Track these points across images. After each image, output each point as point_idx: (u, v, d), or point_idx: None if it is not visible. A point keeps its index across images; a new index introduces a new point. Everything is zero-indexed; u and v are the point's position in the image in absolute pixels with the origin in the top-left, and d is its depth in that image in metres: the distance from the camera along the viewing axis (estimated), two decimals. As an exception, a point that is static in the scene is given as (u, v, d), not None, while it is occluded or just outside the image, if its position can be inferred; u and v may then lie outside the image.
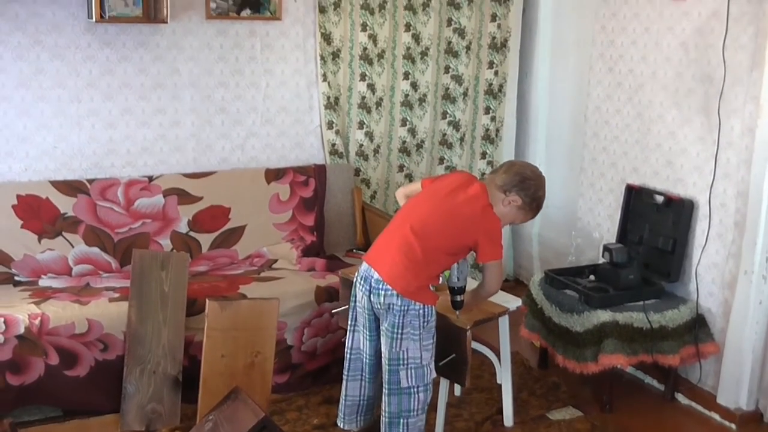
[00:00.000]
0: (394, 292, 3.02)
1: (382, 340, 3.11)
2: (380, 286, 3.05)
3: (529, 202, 3.16)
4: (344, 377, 3.31)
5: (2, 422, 3.27)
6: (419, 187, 3.31)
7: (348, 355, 3.29)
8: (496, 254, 3.10)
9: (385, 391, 3.12)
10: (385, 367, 3.11)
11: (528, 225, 5.44)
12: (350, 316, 3.28)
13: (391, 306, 3.03)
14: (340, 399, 3.35)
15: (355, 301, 3.22)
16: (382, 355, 3.12)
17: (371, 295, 3.09)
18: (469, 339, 3.20)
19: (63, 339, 3.55)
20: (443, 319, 3.25)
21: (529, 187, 3.14)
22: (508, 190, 3.13)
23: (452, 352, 3.24)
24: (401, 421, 3.12)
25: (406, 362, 3.06)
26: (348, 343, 3.28)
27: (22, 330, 3.48)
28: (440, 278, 3.27)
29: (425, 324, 3.07)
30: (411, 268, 3.04)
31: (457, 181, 3.19)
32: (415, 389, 3.09)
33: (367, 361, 3.24)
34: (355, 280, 3.22)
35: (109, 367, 3.63)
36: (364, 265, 3.17)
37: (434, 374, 3.16)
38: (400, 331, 3.04)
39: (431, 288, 3.15)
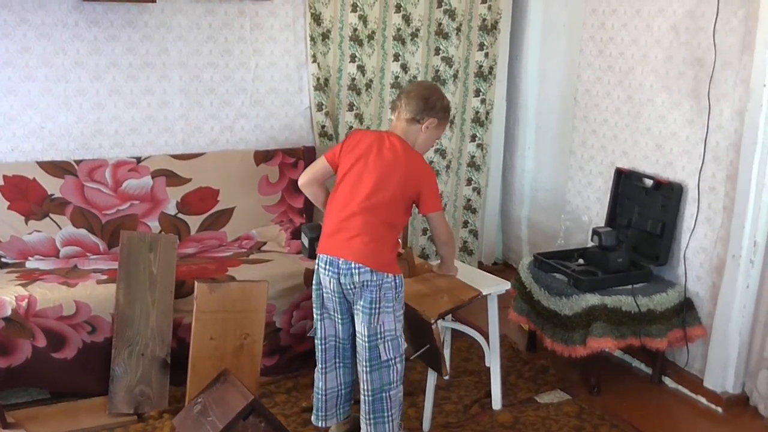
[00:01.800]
0: (368, 268, 3.03)
1: (358, 318, 3.11)
2: (351, 266, 3.04)
3: (442, 115, 3.26)
4: (320, 372, 3.29)
5: (-11, 404, 3.28)
6: (324, 164, 3.29)
7: (322, 346, 3.27)
8: (437, 204, 3.21)
9: (366, 369, 3.13)
10: (363, 345, 3.11)
11: (517, 208, 5.46)
12: (316, 305, 3.25)
13: (366, 283, 3.04)
14: (317, 398, 3.33)
15: (320, 288, 3.20)
16: (359, 334, 3.12)
17: (341, 277, 3.07)
18: (436, 331, 3.21)
19: (50, 321, 3.54)
20: (412, 311, 3.25)
21: (435, 104, 3.22)
22: (420, 118, 3.20)
23: (425, 343, 3.26)
24: (383, 395, 3.14)
25: (383, 335, 3.09)
26: (319, 333, 3.26)
27: (8, 312, 3.47)
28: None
29: (397, 295, 3.11)
30: (380, 243, 3.07)
31: (373, 141, 3.20)
32: (393, 361, 3.12)
33: (342, 345, 3.25)
34: (316, 267, 3.19)
35: (97, 349, 3.63)
36: (324, 255, 3.14)
37: (405, 344, 3.20)
38: (377, 305, 3.06)
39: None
